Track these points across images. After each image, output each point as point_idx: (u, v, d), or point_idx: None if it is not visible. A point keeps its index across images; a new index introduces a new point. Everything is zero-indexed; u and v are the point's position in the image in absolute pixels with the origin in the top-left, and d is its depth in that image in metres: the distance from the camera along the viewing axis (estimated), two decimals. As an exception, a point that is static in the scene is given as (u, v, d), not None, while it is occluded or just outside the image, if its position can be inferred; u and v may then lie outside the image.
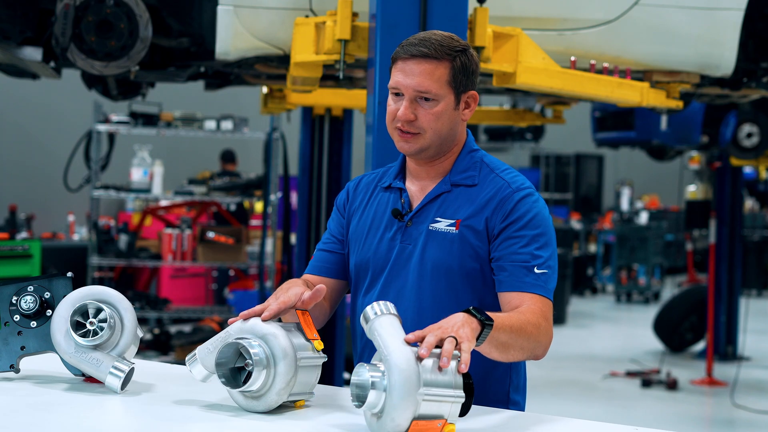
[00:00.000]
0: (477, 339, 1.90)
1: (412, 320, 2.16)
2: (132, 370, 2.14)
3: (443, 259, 2.23)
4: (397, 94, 2.23)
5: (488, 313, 1.95)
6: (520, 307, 2.14)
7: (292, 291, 2.09)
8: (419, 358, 1.79)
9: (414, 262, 2.26)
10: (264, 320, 1.99)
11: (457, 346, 1.83)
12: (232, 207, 9.74)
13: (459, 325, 1.87)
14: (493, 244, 2.21)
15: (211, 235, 7.63)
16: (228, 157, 10.22)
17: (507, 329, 2.01)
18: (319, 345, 2.02)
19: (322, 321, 2.33)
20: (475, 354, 2.10)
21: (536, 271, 2.17)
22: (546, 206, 2.28)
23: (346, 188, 2.46)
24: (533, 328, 2.08)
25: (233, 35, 4.13)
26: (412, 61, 2.20)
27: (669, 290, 13.77)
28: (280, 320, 2.06)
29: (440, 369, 1.79)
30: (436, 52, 2.19)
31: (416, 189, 2.33)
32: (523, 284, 2.17)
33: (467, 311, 1.92)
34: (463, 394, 1.80)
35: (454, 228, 2.24)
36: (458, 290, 2.23)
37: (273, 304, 2.03)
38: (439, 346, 1.83)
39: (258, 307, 2.04)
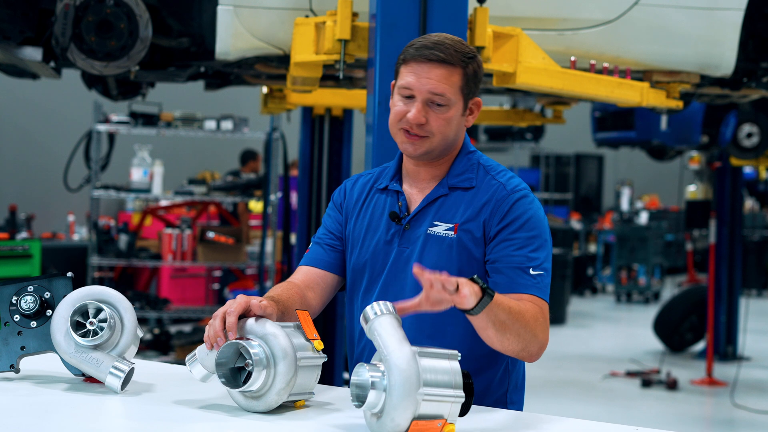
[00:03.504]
0: (476, 307, 1.92)
1: (411, 324, 2.15)
2: (132, 370, 2.14)
3: (441, 264, 2.22)
4: (406, 96, 2.22)
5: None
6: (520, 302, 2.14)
7: (238, 299, 2.05)
8: (417, 358, 1.79)
9: (412, 266, 2.26)
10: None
11: (458, 290, 1.88)
12: (229, 207, 9.73)
13: (464, 283, 1.90)
14: (489, 246, 2.22)
15: (211, 235, 7.63)
16: (247, 156, 10.06)
17: (506, 309, 2.01)
18: (319, 345, 2.02)
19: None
20: (473, 356, 2.10)
21: (531, 272, 2.17)
22: (541, 207, 2.28)
23: (344, 185, 2.46)
24: (532, 319, 2.09)
25: (233, 35, 4.13)
26: (427, 65, 2.18)
27: (669, 290, 13.76)
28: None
29: (444, 286, 1.88)
30: (451, 57, 2.18)
31: (413, 191, 2.33)
32: (519, 286, 2.17)
33: (470, 278, 1.94)
34: (463, 394, 1.80)
35: (452, 232, 2.24)
36: None
37: (229, 317, 1.98)
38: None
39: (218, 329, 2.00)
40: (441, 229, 2.25)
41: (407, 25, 3.38)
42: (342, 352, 6.18)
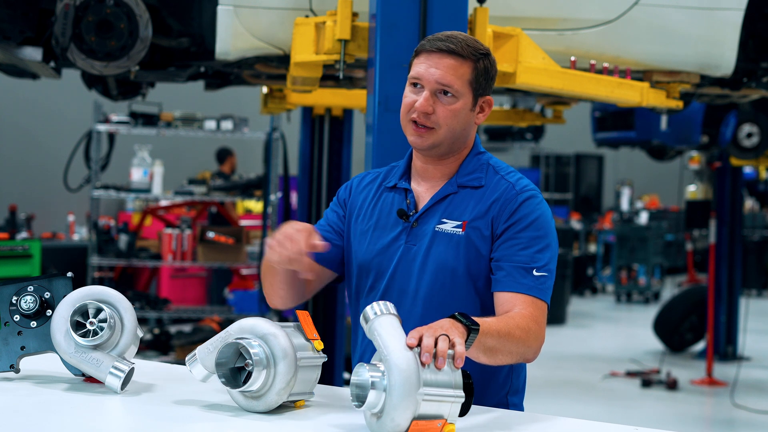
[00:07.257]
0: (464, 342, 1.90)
1: (416, 321, 2.13)
2: (132, 370, 2.14)
3: (449, 261, 2.23)
4: (415, 85, 2.23)
5: (474, 318, 1.94)
6: (511, 311, 2.14)
7: (297, 232, 2.11)
8: (419, 358, 1.79)
9: (419, 263, 2.25)
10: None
11: (450, 345, 1.82)
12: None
13: (447, 327, 1.87)
14: (495, 243, 2.22)
15: (211, 235, 7.63)
16: (223, 154, 10.17)
17: (494, 334, 2.00)
18: (319, 345, 2.02)
19: (297, 298, 2.34)
20: (474, 362, 2.10)
21: (535, 273, 2.17)
22: (549, 210, 2.28)
23: (351, 182, 2.45)
24: (522, 332, 2.08)
25: (233, 35, 4.13)
26: (437, 55, 2.21)
27: (669, 290, 13.77)
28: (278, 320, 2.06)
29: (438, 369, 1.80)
30: (462, 50, 2.20)
31: (422, 189, 2.32)
32: (519, 285, 2.17)
33: (452, 317, 1.92)
34: (463, 394, 1.80)
35: (460, 230, 2.24)
36: (462, 292, 2.23)
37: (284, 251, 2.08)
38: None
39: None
40: (449, 226, 2.25)
41: (407, 25, 3.38)
42: (342, 352, 6.18)
